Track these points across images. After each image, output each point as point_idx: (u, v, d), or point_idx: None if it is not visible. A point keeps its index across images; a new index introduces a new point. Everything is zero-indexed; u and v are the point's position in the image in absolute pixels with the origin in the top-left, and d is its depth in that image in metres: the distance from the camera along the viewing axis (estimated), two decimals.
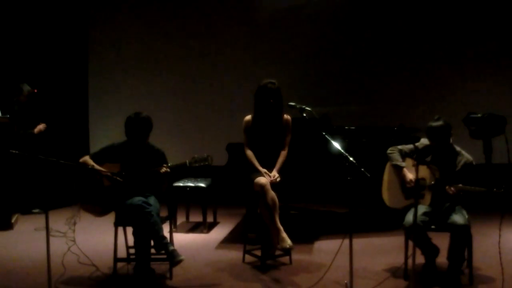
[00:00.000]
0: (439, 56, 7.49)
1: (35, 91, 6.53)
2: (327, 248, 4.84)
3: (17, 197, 6.14)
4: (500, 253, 3.63)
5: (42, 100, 6.78)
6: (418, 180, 3.53)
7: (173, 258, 3.85)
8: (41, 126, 6.45)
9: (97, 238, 5.28)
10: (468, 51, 7.44)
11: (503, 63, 7.39)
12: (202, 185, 5.77)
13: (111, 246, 4.11)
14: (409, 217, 3.80)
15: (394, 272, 4.10)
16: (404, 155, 4.09)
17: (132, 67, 7.90)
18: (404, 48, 7.54)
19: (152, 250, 3.96)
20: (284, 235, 4.07)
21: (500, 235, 3.64)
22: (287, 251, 4.35)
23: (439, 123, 3.88)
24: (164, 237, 3.89)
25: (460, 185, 3.69)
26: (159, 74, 7.88)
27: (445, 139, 3.90)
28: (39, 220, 5.74)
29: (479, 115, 3.71)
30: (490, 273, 4.09)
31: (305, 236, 5.32)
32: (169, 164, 4.07)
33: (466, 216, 3.83)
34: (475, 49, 7.41)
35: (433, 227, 3.87)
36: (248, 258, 4.53)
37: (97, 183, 4.08)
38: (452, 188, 3.69)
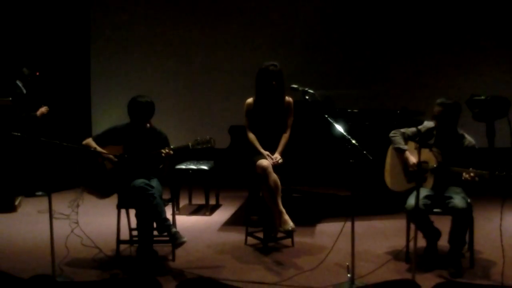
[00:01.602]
0: (443, 39, 7.42)
1: (37, 73, 6.51)
2: (329, 231, 4.86)
3: (20, 180, 6.16)
4: (501, 236, 3.64)
5: (44, 82, 6.76)
6: (420, 163, 3.53)
7: (175, 240, 3.87)
8: (43, 109, 6.45)
9: (100, 220, 5.30)
10: (472, 34, 7.37)
11: (508, 46, 7.32)
12: (205, 167, 5.78)
13: (114, 228, 4.13)
14: (411, 200, 3.81)
15: (395, 255, 4.12)
16: (406, 138, 4.08)
17: (134, 50, 7.87)
18: (407, 31, 7.47)
19: (155, 232, 3.97)
20: (286, 217, 4.09)
21: (501, 219, 3.65)
22: (289, 234, 4.36)
23: (453, 100, 3.87)
24: (167, 219, 3.91)
25: (471, 169, 3.67)
26: (161, 57, 7.84)
27: (453, 118, 3.88)
28: (43, 203, 5.77)
29: (482, 97, 3.69)
30: (491, 256, 4.11)
31: (307, 218, 5.34)
32: (171, 147, 4.07)
33: (468, 200, 3.83)
34: (479, 32, 7.34)
35: (436, 210, 3.87)
36: (250, 240, 4.56)
37: (99, 166, 4.09)
38: (472, 174, 3.65)
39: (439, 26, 7.40)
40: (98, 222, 5.27)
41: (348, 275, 3.53)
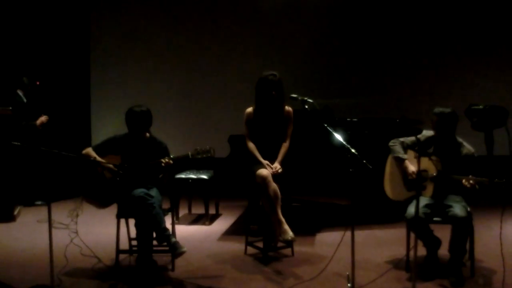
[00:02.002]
0: (442, 48, 7.46)
1: (37, 83, 6.53)
2: (329, 240, 4.85)
3: (19, 189, 6.15)
4: (501, 244, 3.63)
5: (44, 92, 6.78)
6: (420, 172, 3.53)
7: (175, 249, 3.86)
8: (43, 118, 6.45)
9: (100, 230, 5.29)
10: (470, 43, 7.41)
11: (506, 55, 7.36)
12: (204, 177, 5.78)
13: (113, 238, 4.12)
14: (411, 209, 3.80)
15: (395, 264, 4.11)
16: (406, 147, 4.09)
17: (134, 59, 7.90)
18: (406, 40, 7.51)
19: (154, 242, 3.97)
20: (286, 227, 4.08)
21: (501, 227, 3.64)
22: (289, 243, 4.36)
23: (449, 109, 3.88)
24: (166, 229, 3.90)
25: (471, 176, 3.67)
26: (161, 66, 7.88)
27: (450, 127, 3.89)
28: (42, 212, 5.77)
29: (480, 106, 3.70)
30: (492, 265, 4.10)
31: (307, 228, 5.33)
32: (171, 156, 4.07)
33: (468, 209, 3.83)
34: (477, 42, 7.38)
35: (436, 219, 3.86)
36: (250, 250, 4.54)
37: (99, 175, 4.09)
38: (471, 181, 3.65)
39: (438, 36, 7.44)
40: (97, 231, 5.25)
41: (348, 284, 3.52)
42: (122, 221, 4.20)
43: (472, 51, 7.41)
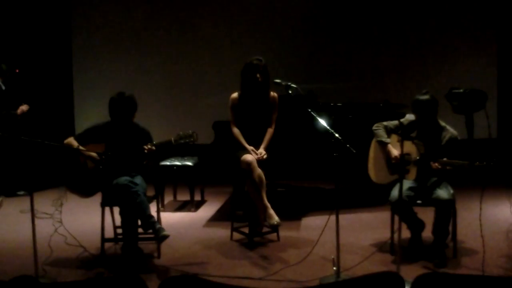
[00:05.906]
0: (424, 33, 7.48)
1: (17, 70, 6.41)
2: (314, 224, 4.88)
3: (1, 180, 6.07)
4: (481, 226, 3.68)
5: (24, 80, 6.66)
6: (403, 155, 3.56)
7: (158, 233, 3.81)
8: (23, 107, 6.35)
9: (84, 219, 5.26)
10: (450, 28, 7.44)
11: (484, 40, 7.41)
12: (189, 163, 5.76)
13: (98, 227, 4.10)
14: (395, 192, 3.84)
15: (380, 247, 4.15)
16: (389, 131, 4.11)
17: (116, 47, 7.79)
18: (389, 25, 7.51)
19: (140, 230, 3.95)
20: (272, 212, 4.10)
21: (481, 208, 3.68)
22: (275, 228, 4.37)
23: (426, 96, 3.90)
24: (151, 216, 3.88)
25: (445, 159, 3.71)
26: (144, 52, 7.78)
27: (431, 113, 3.92)
28: (24, 202, 5.69)
29: (461, 90, 3.73)
30: (473, 245, 4.16)
31: (292, 212, 5.36)
32: (154, 142, 4.03)
33: (451, 191, 3.87)
34: (457, 27, 7.42)
35: (419, 202, 3.91)
36: (236, 235, 4.56)
37: (81, 165, 4.04)
38: (437, 164, 3.72)
39: (420, 21, 7.45)
40: (82, 220, 5.22)
41: (334, 268, 3.55)
42: (107, 209, 4.18)
43: (453, 35, 7.44)
